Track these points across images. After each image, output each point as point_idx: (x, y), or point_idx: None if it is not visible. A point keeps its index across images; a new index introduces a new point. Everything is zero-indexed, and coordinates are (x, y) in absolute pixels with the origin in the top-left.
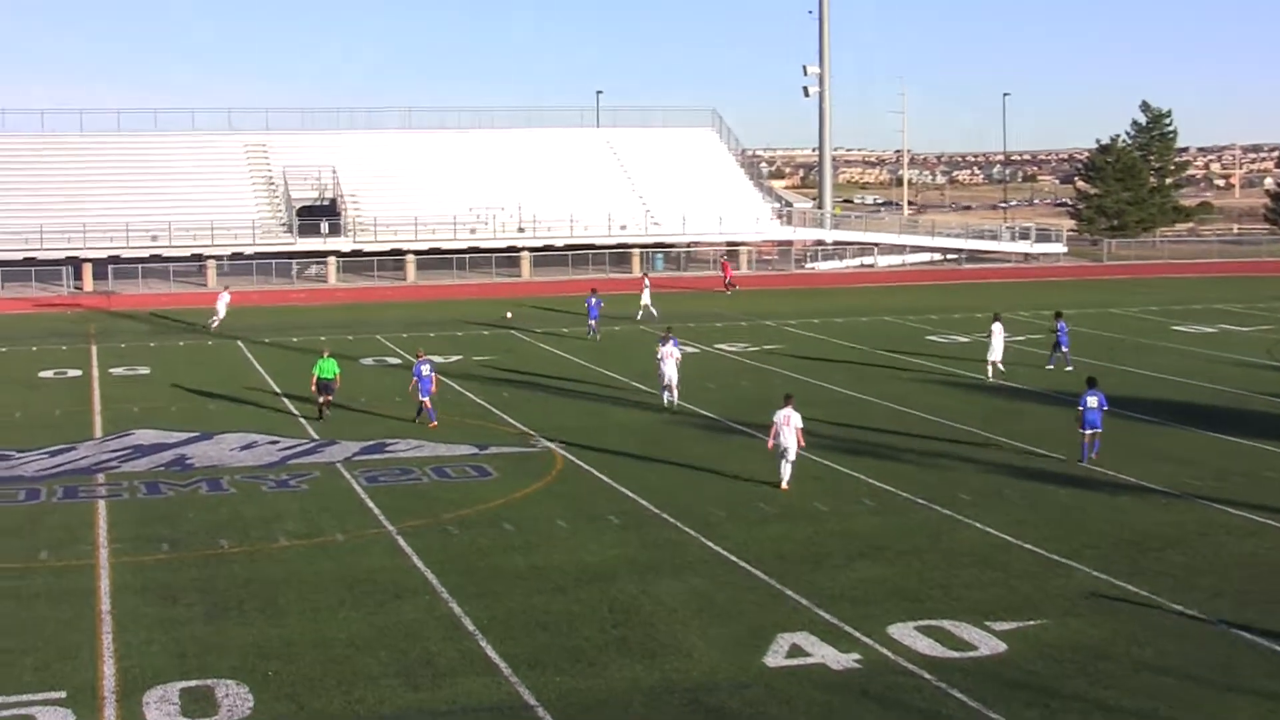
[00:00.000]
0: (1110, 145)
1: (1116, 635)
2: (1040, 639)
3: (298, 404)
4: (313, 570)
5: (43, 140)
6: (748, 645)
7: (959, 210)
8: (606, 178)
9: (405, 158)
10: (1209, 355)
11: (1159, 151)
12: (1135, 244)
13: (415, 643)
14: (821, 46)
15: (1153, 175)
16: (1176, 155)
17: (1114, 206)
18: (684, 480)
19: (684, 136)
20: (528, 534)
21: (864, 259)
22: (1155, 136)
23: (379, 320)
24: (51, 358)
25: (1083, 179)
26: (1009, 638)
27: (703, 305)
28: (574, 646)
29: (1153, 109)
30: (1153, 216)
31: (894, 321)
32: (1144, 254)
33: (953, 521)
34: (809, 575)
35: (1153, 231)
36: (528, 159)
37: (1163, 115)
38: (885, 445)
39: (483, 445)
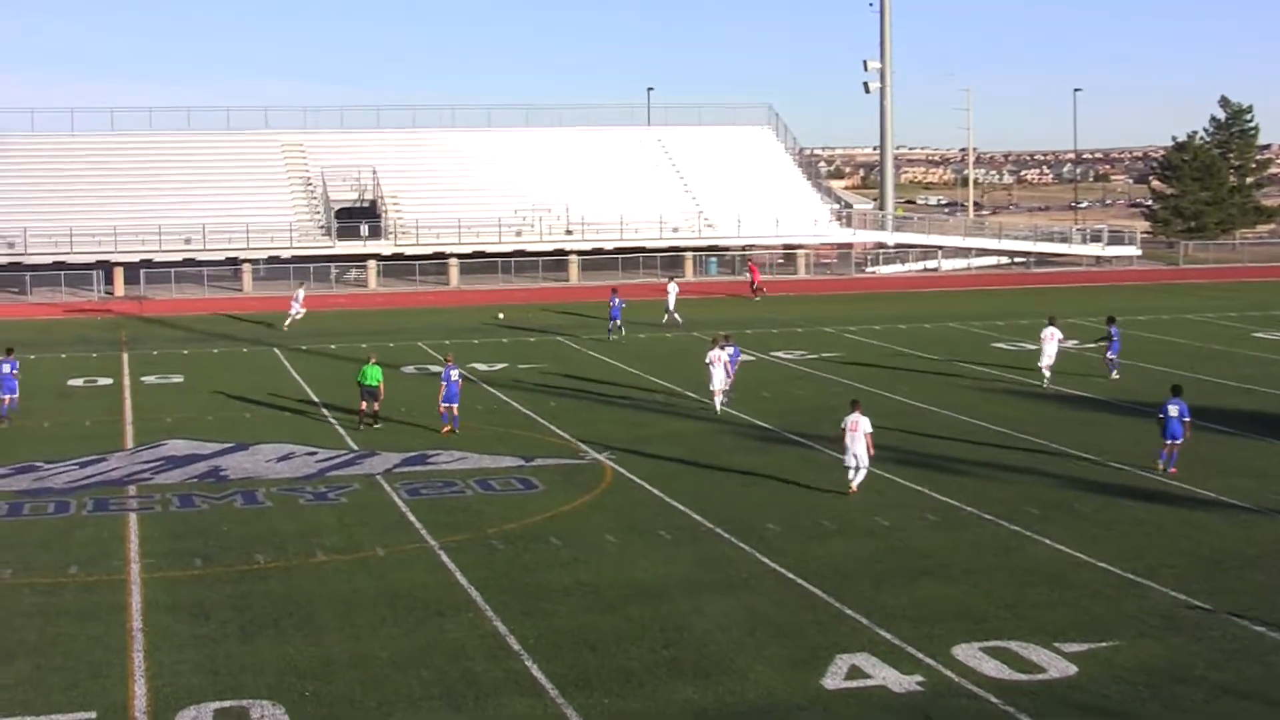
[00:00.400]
0: (1187, 143)
1: (1194, 658)
2: (1113, 661)
3: (336, 413)
4: (352, 586)
5: (72, 140)
6: (805, 666)
7: (1028, 211)
8: (658, 178)
9: (448, 157)
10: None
11: (1239, 149)
12: (1213, 246)
13: (458, 662)
14: (883, 39)
15: (1232, 174)
16: (1258, 153)
17: (1191, 207)
18: (738, 493)
19: (739, 135)
20: (575, 549)
21: (927, 263)
22: (1235, 133)
23: (421, 326)
24: (81, 365)
25: (1158, 178)
26: (1080, 660)
27: (759, 310)
28: (623, 667)
29: (1232, 104)
30: (1232, 217)
31: (958, 328)
32: (1223, 257)
33: (1020, 537)
34: (869, 593)
35: (1232, 233)
36: (576, 158)
37: (1243, 111)
38: (949, 457)
39: (529, 457)
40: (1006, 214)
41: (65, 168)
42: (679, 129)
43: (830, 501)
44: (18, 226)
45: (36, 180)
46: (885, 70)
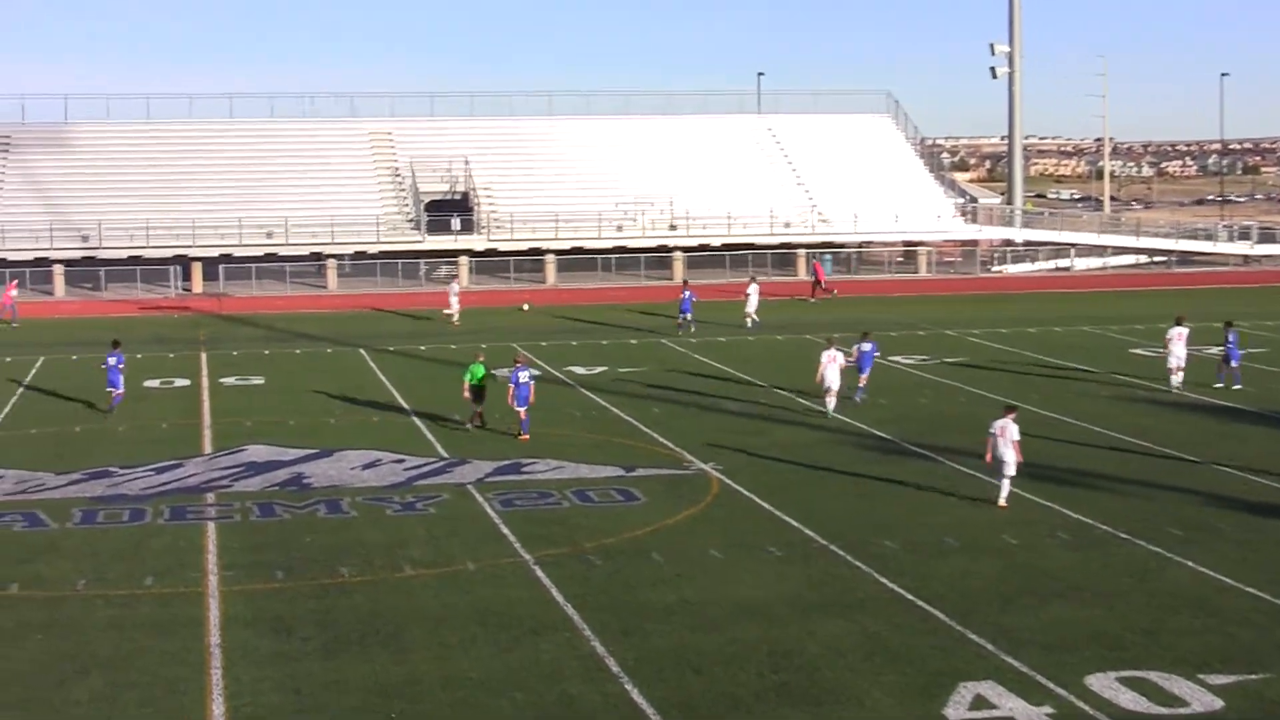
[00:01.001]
0: None
1: None
2: (1263, 695)
3: (425, 419)
4: (441, 602)
5: (149, 128)
6: (925, 694)
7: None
8: (768, 170)
9: (545, 147)
10: None
11: None
12: None
13: (553, 685)
14: (1012, 21)
15: None
16: None
17: None
18: (853, 507)
19: (855, 124)
20: (679, 565)
21: (1059, 261)
22: None
23: (514, 327)
24: (158, 366)
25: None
26: (1226, 693)
27: (876, 311)
28: (729, 692)
29: None
30: None
31: (1093, 332)
32: None
33: (1160, 559)
34: (995, 617)
35: None
36: (681, 149)
37: None
38: (1082, 471)
39: (629, 467)
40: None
41: (142, 158)
42: (791, 117)
43: (953, 517)
44: (92, 219)
45: (112, 171)
46: (1014, 54)
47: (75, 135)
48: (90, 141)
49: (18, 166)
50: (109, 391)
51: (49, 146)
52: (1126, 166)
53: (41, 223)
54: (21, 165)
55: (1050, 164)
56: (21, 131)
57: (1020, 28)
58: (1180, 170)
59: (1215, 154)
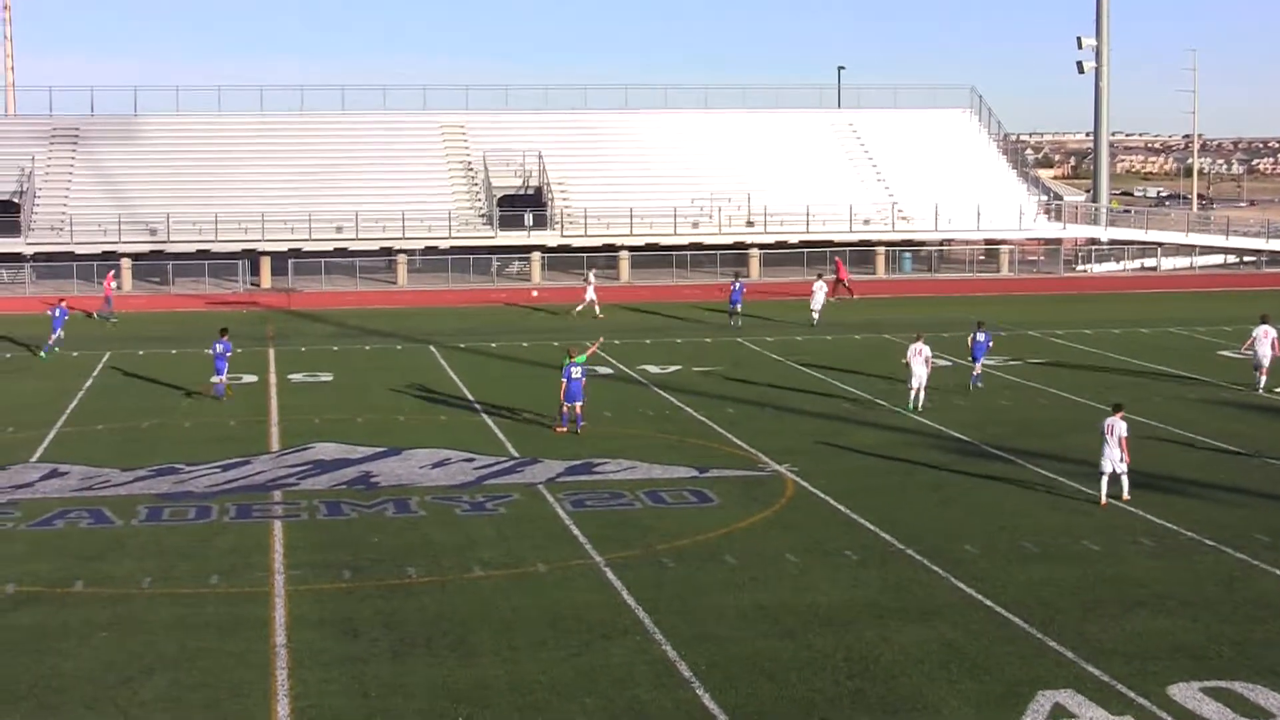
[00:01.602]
0: None
1: None
2: None
3: (495, 417)
4: (510, 605)
5: (219, 120)
6: (1003, 703)
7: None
8: (848, 165)
9: (619, 142)
10: None
11: None
12: None
13: (624, 690)
14: (1100, 14)
15: None
16: None
17: None
18: (932, 511)
19: (937, 119)
20: (752, 569)
21: (1145, 261)
22: None
23: (588, 325)
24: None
25: None
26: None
27: (957, 311)
28: (804, 698)
29: None
30: None
31: (1180, 334)
32: None
33: (1247, 567)
34: (1077, 625)
35: None
36: (758, 144)
37: None
38: (1167, 476)
39: (703, 468)
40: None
41: (211, 150)
42: (871, 112)
43: (1033, 522)
44: (160, 212)
45: (181, 163)
46: (1102, 48)
47: (144, 127)
48: (159, 134)
49: (86, 159)
50: (214, 380)
51: (118, 139)
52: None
53: (110, 216)
54: (90, 158)
55: (1137, 161)
56: (90, 124)
57: (1108, 21)
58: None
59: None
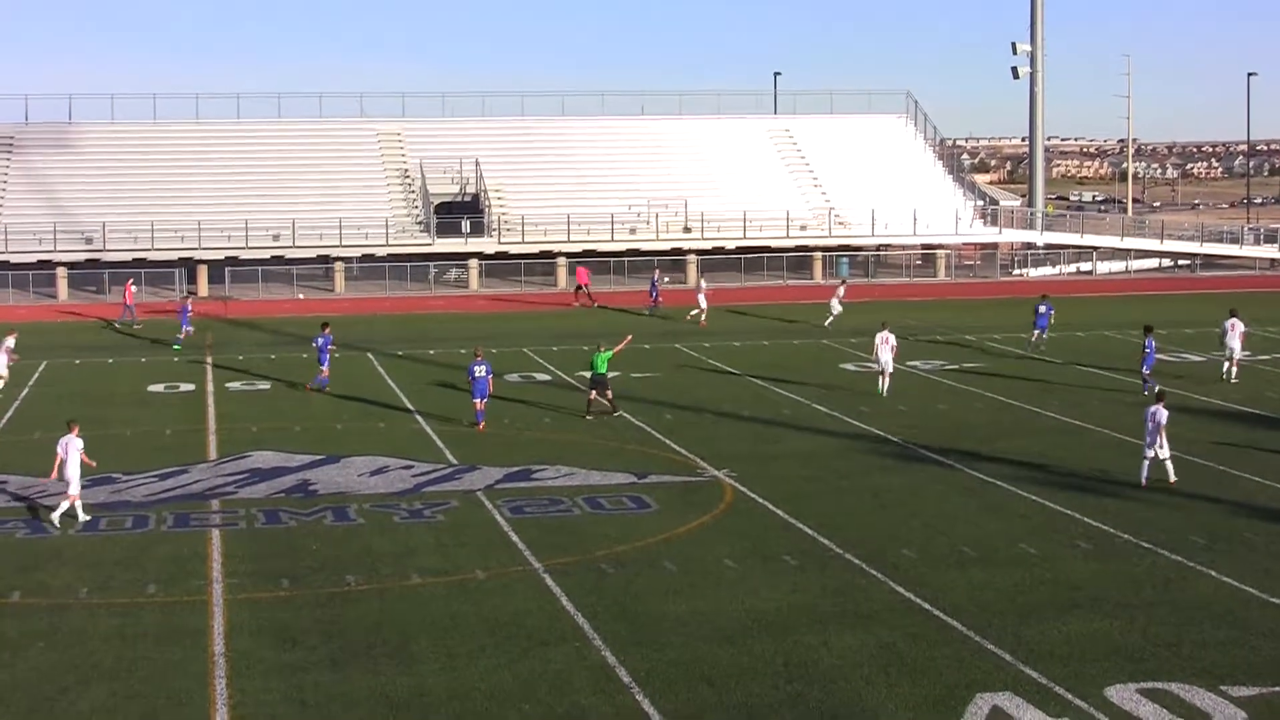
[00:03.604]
0: None
1: None
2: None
3: (434, 423)
4: (449, 612)
5: (155, 128)
6: (941, 707)
7: (1193, 209)
8: (785, 171)
9: (556, 149)
10: None
11: None
12: None
13: (563, 696)
14: (1034, 20)
15: None
16: None
17: None
18: (871, 516)
19: (873, 125)
20: (691, 575)
21: (1080, 265)
22: None
23: (525, 331)
24: (162, 370)
25: None
26: (1249, 706)
27: (894, 315)
28: (743, 704)
29: None
30: None
31: (1115, 337)
32: None
33: (1183, 569)
34: (1014, 628)
35: None
36: (695, 151)
37: None
38: (1104, 479)
39: (642, 474)
40: (1170, 212)
41: (147, 158)
42: (808, 118)
43: (971, 526)
44: (96, 221)
45: (117, 172)
46: (1036, 54)
47: (79, 136)
48: (94, 142)
49: (21, 167)
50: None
51: (53, 147)
52: (1150, 168)
53: (45, 224)
54: (25, 166)
55: (1072, 165)
56: (25, 132)
57: (1043, 26)
58: (1205, 172)
59: (1242, 155)
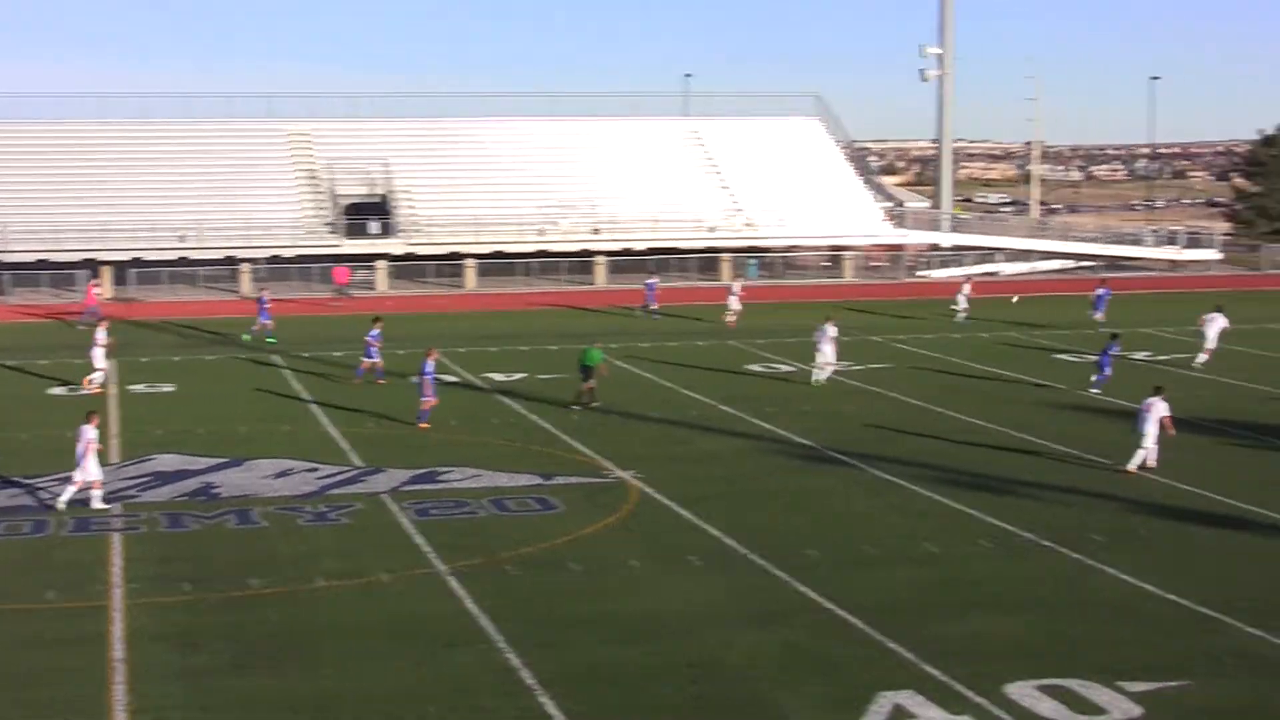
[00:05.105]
0: (1275, 136)
1: (1273, 701)
2: (1183, 703)
3: (340, 426)
4: (354, 615)
5: (59, 128)
6: (844, 705)
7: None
8: (694, 173)
9: (466, 149)
10: None
11: None
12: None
13: (468, 698)
14: (942, 23)
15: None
16: None
17: (1277, 207)
18: (776, 517)
19: (783, 127)
20: (597, 576)
21: (986, 266)
22: None
23: (434, 333)
24: (64, 372)
25: (1241, 175)
26: (1146, 701)
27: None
28: (647, 705)
29: None
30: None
31: (1020, 338)
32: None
33: (1082, 567)
34: (916, 626)
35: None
36: (605, 152)
37: None
38: (1006, 479)
39: (548, 475)
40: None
41: (51, 159)
42: (718, 120)
43: (876, 526)
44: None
45: (19, 172)
46: (945, 56)
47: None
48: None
49: None
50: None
51: None
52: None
53: None
54: None
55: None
56: None
57: (951, 30)
58: (1109, 174)
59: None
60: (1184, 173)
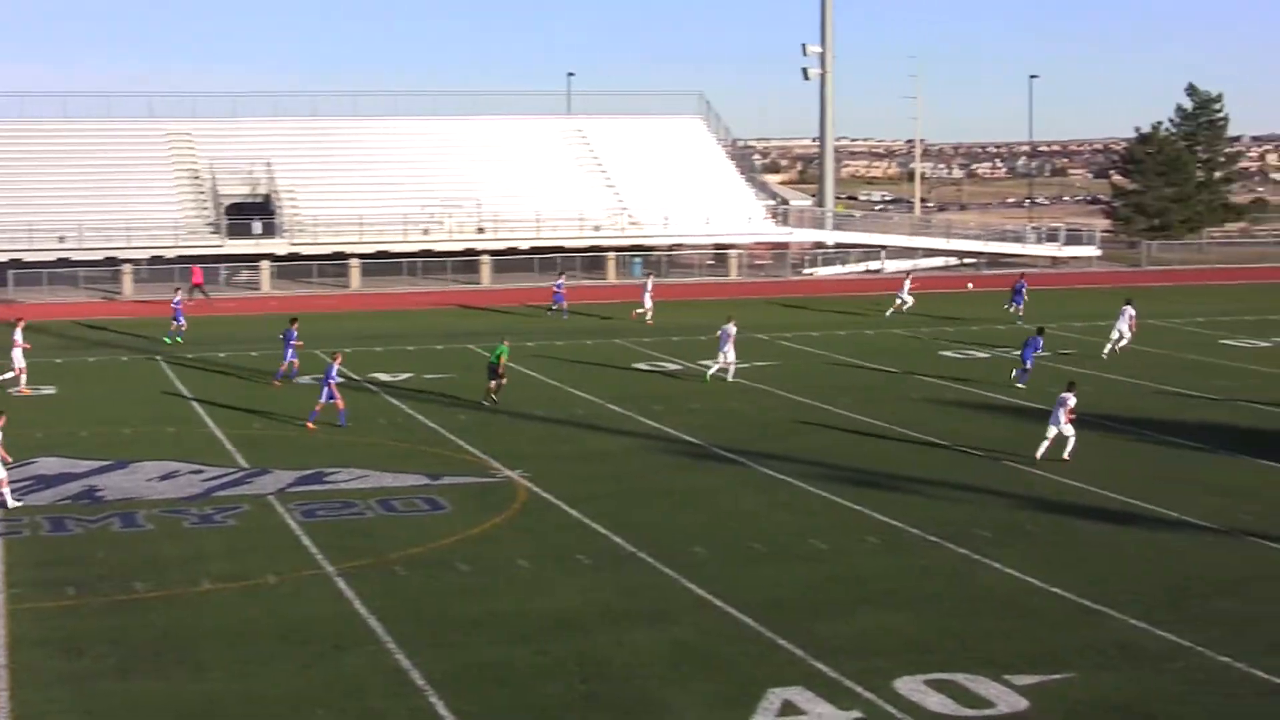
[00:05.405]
0: (1151, 134)
1: (1155, 692)
2: (1068, 695)
3: (225, 428)
4: (241, 618)
5: None
6: (735, 702)
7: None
8: (578, 172)
9: (349, 149)
10: (1264, 373)
11: (1207, 141)
12: (1179, 246)
13: (357, 700)
14: (824, 22)
15: (1200, 168)
16: (1227, 145)
17: (1155, 204)
18: (665, 515)
19: (667, 125)
20: (485, 576)
21: (870, 264)
22: (1203, 124)
23: (318, 333)
24: None
25: (1119, 173)
26: (1032, 694)
27: (686, 316)
28: (537, 704)
29: (1200, 92)
30: (1199, 215)
31: (904, 335)
32: (1189, 258)
33: (970, 562)
34: (806, 623)
35: (1199, 232)
36: (488, 151)
37: (1212, 100)
38: (894, 475)
39: (435, 475)
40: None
41: None
42: (602, 119)
43: (763, 523)
44: None
45: None
46: (826, 55)
47: None
48: None
49: None
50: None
51: None
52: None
53: None
54: None
55: (862, 166)
56: None
57: (833, 28)
58: (990, 172)
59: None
60: (1064, 170)
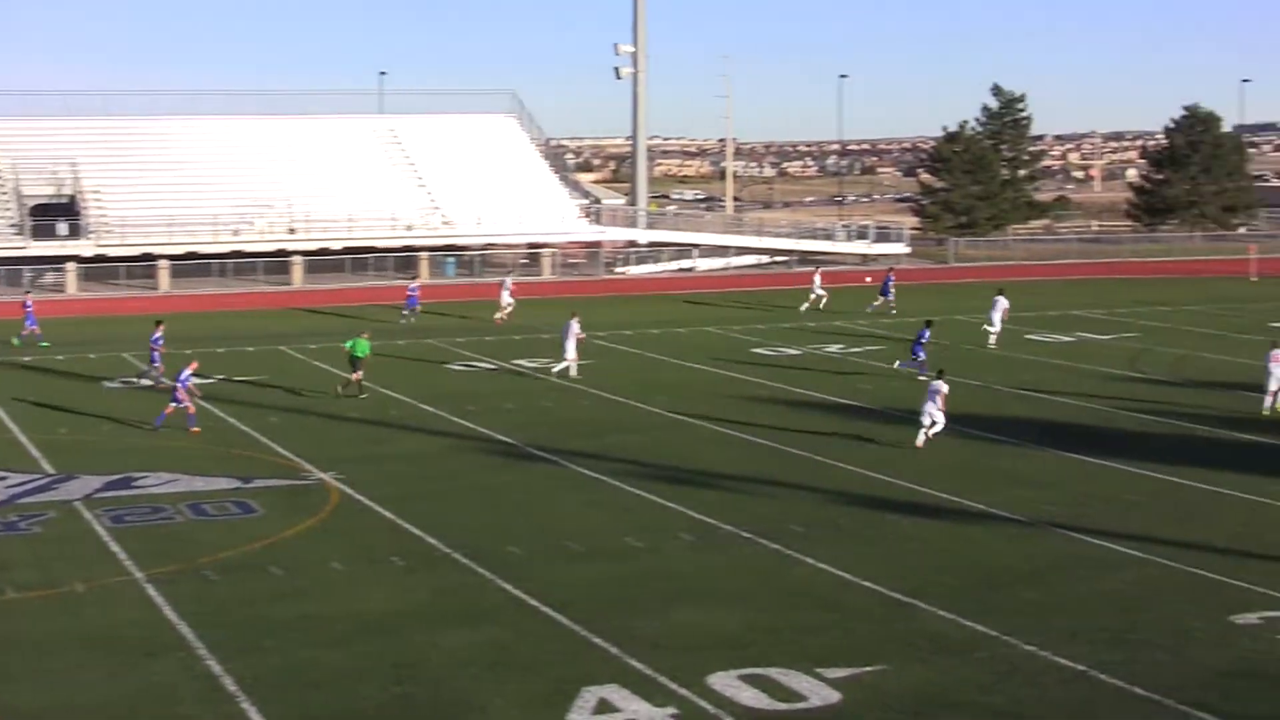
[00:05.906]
0: (958, 133)
1: (964, 681)
2: (879, 687)
3: (30, 433)
4: (47, 627)
5: None
6: (549, 701)
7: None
8: (390, 171)
9: (154, 149)
10: (1067, 367)
11: (1012, 140)
12: (985, 243)
13: (168, 707)
14: (636, 21)
15: (1004, 167)
16: (1031, 144)
17: (962, 202)
18: (479, 515)
19: (479, 124)
20: (298, 579)
21: (682, 262)
22: (1008, 123)
23: (126, 336)
24: None
25: (927, 171)
26: (844, 686)
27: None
28: (352, 708)
29: (1005, 93)
30: (1005, 213)
31: (717, 332)
32: (995, 254)
33: (782, 557)
34: (620, 621)
35: (1004, 229)
36: (299, 151)
37: (1016, 100)
38: (708, 472)
39: (246, 478)
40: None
41: None
42: (413, 118)
43: (577, 522)
44: None
45: None
46: (639, 54)
47: None
48: None
49: None
50: None
51: None
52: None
53: None
54: None
55: (675, 164)
56: None
57: (644, 28)
58: (802, 170)
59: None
60: (873, 169)
